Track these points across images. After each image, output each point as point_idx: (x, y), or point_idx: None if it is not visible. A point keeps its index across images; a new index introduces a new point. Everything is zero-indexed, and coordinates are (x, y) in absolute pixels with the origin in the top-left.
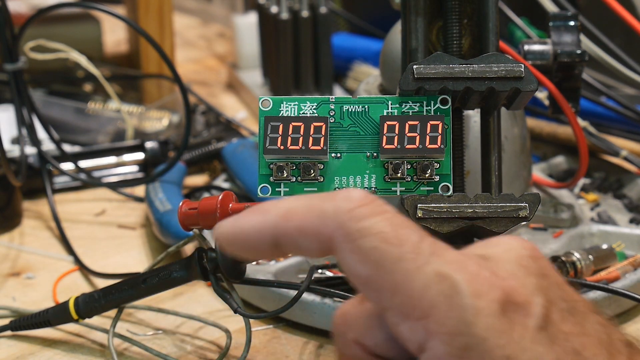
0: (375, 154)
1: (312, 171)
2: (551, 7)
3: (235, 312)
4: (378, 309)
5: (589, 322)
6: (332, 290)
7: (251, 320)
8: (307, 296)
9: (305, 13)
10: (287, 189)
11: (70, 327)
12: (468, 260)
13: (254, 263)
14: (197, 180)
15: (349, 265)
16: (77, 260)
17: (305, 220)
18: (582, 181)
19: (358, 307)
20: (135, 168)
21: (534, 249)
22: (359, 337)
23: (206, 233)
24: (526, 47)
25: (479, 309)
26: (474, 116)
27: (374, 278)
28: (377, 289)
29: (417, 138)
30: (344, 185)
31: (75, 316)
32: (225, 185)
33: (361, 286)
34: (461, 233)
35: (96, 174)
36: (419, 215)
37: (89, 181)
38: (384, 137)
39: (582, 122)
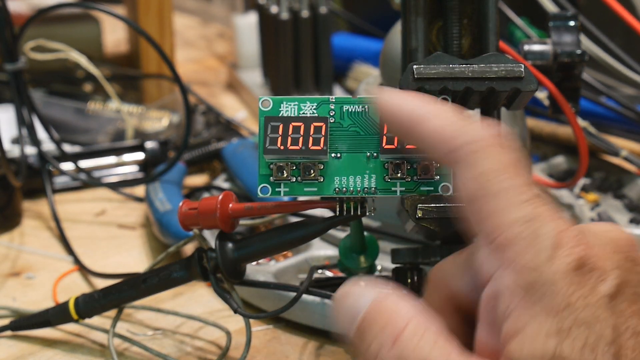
0: (375, 154)
1: (312, 171)
2: (551, 7)
3: (235, 312)
4: (466, 253)
5: None
6: (331, 294)
7: (251, 320)
8: (307, 296)
9: (305, 13)
10: (287, 189)
11: (70, 327)
12: (563, 220)
13: (254, 263)
14: (197, 180)
15: (463, 179)
16: (77, 260)
17: (446, 124)
18: (582, 181)
19: (453, 256)
20: (135, 168)
21: (633, 240)
22: (447, 279)
23: (206, 233)
24: (526, 47)
25: (555, 256)
26: (474, 116)
27: (478, 197)
28: (477, 209)
29: None
30: (343, 186)
31: (75, 316)
32: (225, 185)
33: (465, 202)
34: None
35: (96, 174)
36: (419, 215)
37: (89, 181)
38: (384, 137)
39: (582, 122)
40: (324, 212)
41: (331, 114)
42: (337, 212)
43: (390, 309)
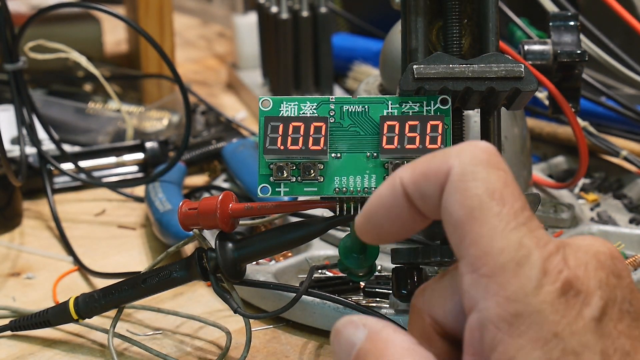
0: (375, 154)
1: (312, 171)
2: (551, 7)
3: (235, 312)
4: (450, 276)
5: None
6: (331, 295)
7: (251, 321)
8: (307, 296)
9: (305, 13)
10: (287, 189)
11: (70, 327)
12: (550, 242)
13: (254, 263)
14: (197, 180)
15: (449, 202)
16: (77, 260)
17: (428, 163)
18: (582, 181)
19: (437, 279)
20: (135, 168)
21: (615, 251)
22: (431, 306)
23: (206, 233)
24: (526, 47)
25: (542, 284)
26: (474, 116)
27: (463, 222)
28: (462, 235)
29: (417, 138)
30: (343, 186)
31: (75, 316)
32: (225, 185)
33: (449, 228)
34: None
35: (96, 174)
36: None
37: (89, 181)
38: (384, 137)
39: (582, 122)
40: (324, 212)
41: (331, 114)
42: (337, 212)
43: (385, 341)
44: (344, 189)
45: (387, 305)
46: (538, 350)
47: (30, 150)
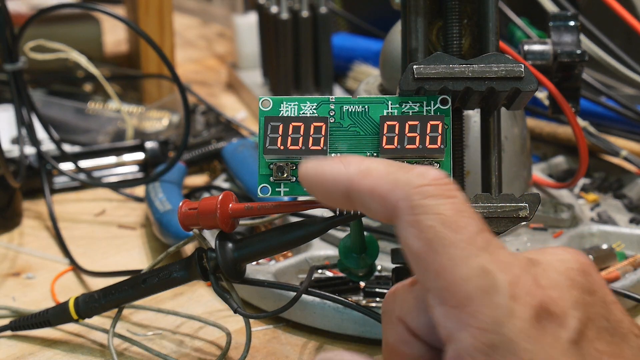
0: (375, 154)
1: None
2: (551, 7)
3: (235, 312)
4: (421, 288)
5: (628, 344)
6: (331, 295)
7: (251, 320)
8: (306, 296)
9: (305, 13)
10: (287, 189)
11: (70, 327)
12: (516, 262)
13: (254, 263)
14: (197, 180)
15: (405, 237)
16: (73, 262)
17: (379, 183)
18: (582, 181)
19: (408, 287)
20: (135, 168)
21: (587, 263)
22: (403, 316)
23: (206, 233)
24: (526, 47)
25: (513, 310)
26: (474, 116)
27: (423, 255)
28: (424, 267)
29: (417, 138)
30: None
31: (75, 316)
32: (225, 185)
33: (411, 260)
34: None
35: (96, 174)
36: None
37: (89, 181)
38: (384, 137)
39: (582, 122)
40: (324, 212)
41: (331, 114)
42: (337, 212)
43: None
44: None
45: None
46: None
47: (30, 150)
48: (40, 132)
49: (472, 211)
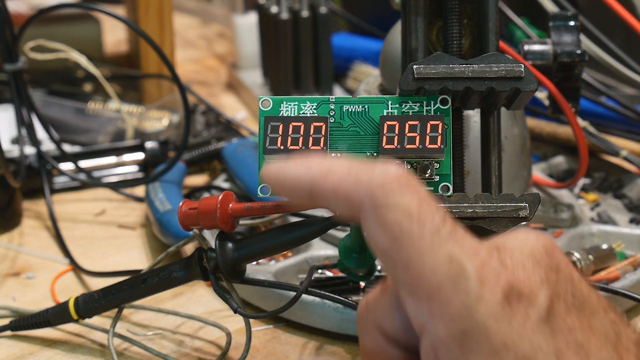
0: (375, 154)
1: None
2: (551, 7)
3: (235, 312)
4: (393, 288)
5: (597, 318)
6: (331, 294)
7: (251, 320)
8: (306, 296)
9: (305, 13)
10: None
11: (70, 327)
12: (481, 248)
13: (254, 263)
14: (197, 180)
15: (371, 234)
16: (73, 262)
17: (341, 183)
18: (582, 181)
19: (380, 293)
20: (135, 168)
21: (550, 243)
22: (379, 321)
23: (206, 233)
24: (526, 47)
25: (482, 295)
26: (474, 116)
27: (391, 251)
28: (393, 262)
29: (417, 138)
30: None
31: (75, 316)
32: (225, 185)
33: (380, 257)
34: None
35: (96, 174)
36: None
37: (89, 181)
38: (384, 137)
39: (582, 122)
40: (324, 212)
41: (331, 114)
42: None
43: None
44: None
45: None
46: None
47: (30, 150)
48: (40, 132)
49: (434, 202)
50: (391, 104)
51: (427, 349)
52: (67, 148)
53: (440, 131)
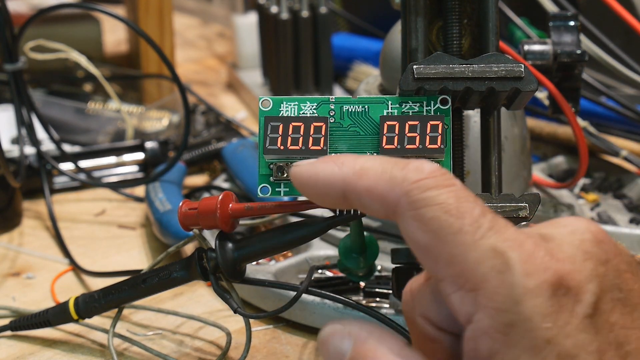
0: (375, 154)
1: None
2: (551, 7)
3: (235, 312)
4: (433, 278)
5: (638, 314)
6: (331, 294)
7: (251, 320)
8: (306, 296)
9: (305, 13)
10: (287, 189)
11: (70, 327)
12: (526, 238)
13: (254, 263)
14: (197, 180)
15: (410, 232)
16: (73, 262)
17: (375, 183)
18: (582, 181)
19: (424, 282)
20: (135, 168)
21: (599, 233)
22: (424, 310)
23: (206, 233)
24: (526, 47)
25: (528, 288)
26: (474, 116)
27: (431, 247)
28: (434, 258)
29: (417, 138)
30: None
31: (75, 316)
32: (225, 185)
33: (420, 254)
34: None
35: (96, 174)
36: None
37: (89, 181)
38: (384, 137)
39: (582, 122)
40: (324, 212)
41: (331, 114)
42: (337, 212)
43: (373, 350)
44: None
45: (387, 306)
46: (533, 358)
47: (30, 150)
48: (40, 132)
49: (473, 195)
50: (391, 104)
51: (469, 338)
52: (67, 148)
53: (440, 131)
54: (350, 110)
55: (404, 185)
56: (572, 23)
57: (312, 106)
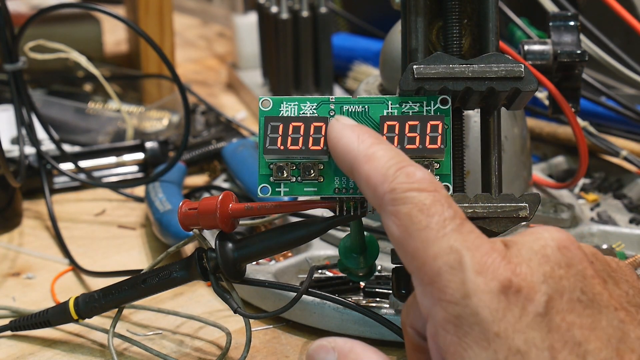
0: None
1: (312, 171)
2: (551, 7)
3: (235, 312)
4: (406, 268)
5: (605, 316)
6: (331, 295)
7: (251, 320)
8: (306, 296)
9: (305, 13)
10: (287, 189)
11: (70, 327)
12: (485, 242)
13: (254, 263)
14: (197, 180)
15: (387, 226)
16: (73, 262)
17: (374, 173)
18: (582, 181)
19: (413, 296)
20: (135, 168)
21: (565, 240)
22: (412, 321)
23: (206, 233)
24: (526, 47)
25: (477, 284)
26: (474, 116)
27: (402, 240)
28: (404, 250)
29: (417, 138)
30: (343, 186)
31: (75, 316)
32: (225, 185)
33: (395, 246)
34: None
35: (96, 174)
36: None
37: (89, 181)
38: (384, 137)
39: (582, 122)
40: (324, 212)
41: (331, 114)
42: (337, 212)
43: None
44: (344, 189)
45: (387, 305)
46: (484, 351)
47: (30, 150)
48: (40, 132)
49: (453, 203)
50: (391, 104)
51: (431, 332)
52: (67, 148)
53: (440, 131)
54: (350, 110)
55: (392, 183)
56: (572, 23)
57: (312, 106)
